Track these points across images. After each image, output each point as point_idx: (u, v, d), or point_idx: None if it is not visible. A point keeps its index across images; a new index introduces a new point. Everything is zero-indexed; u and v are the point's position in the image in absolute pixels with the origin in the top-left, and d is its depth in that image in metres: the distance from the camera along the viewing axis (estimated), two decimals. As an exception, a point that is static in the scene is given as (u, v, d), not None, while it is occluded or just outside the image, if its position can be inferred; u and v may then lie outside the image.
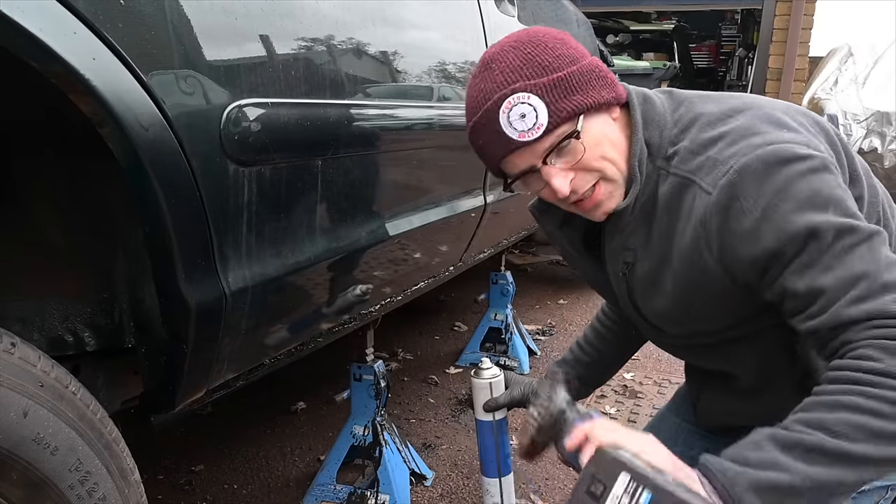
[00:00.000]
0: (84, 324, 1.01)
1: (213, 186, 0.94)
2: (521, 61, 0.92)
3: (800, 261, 0.83)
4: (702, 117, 0.95)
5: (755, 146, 0.86)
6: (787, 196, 0.83)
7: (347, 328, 1.49)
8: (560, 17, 2.75)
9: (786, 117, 0.92)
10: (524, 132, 0.91)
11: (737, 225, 0.86)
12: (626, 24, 7.69)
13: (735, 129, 0.90)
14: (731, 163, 0.86)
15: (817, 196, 0.83)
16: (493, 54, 0.95)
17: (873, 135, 6.17)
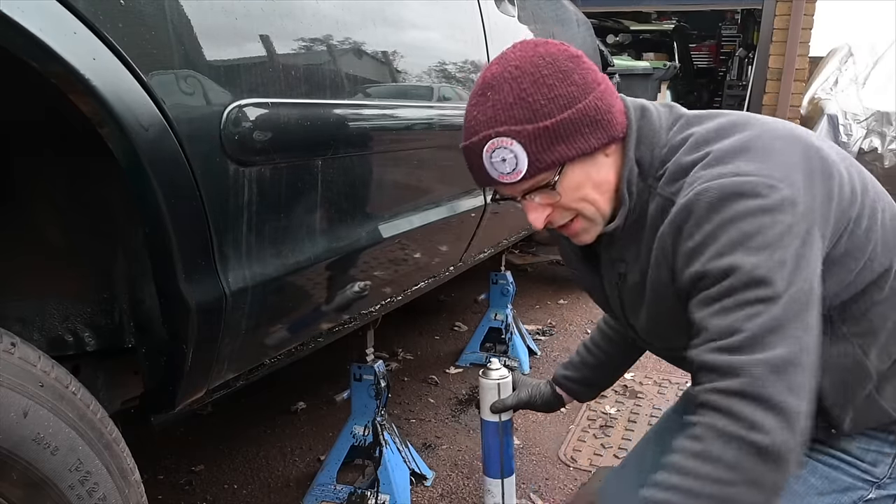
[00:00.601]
0: (84, 324, 1.01)
1: (213, 186, 0.94)
2: (514, 99, 0.91)
3: (708, 293, 0.85)
4: (691, 138, 0.95)
5: (720, 174, 0.87)
6: (727, 230, 0.84)
7: (347, 328, 1.49)
8: (560, 17, 2.75)
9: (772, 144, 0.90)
10: (503, 175, 0.93)
11: (682, 245, 0.88)
12: (626, 24, 7.68)
13: (713, 153, 0.90)
14: (695, 185, 0.88)
15: (755, 238, 0.82)
16: (492, 77, 0.94)
17: (873, 135, 6.17)
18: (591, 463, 2.06)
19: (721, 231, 0.84)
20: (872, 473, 0.98)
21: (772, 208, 0.83)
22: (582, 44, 3.00)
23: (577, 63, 0.94)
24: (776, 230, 0.83)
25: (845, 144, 6.16)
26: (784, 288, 0.81)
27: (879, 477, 0.98)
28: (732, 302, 0.82)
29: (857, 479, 0.99)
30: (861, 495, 0.98)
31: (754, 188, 0.84)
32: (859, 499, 0.98)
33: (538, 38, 0.98)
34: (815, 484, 0.99)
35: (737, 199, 0.84)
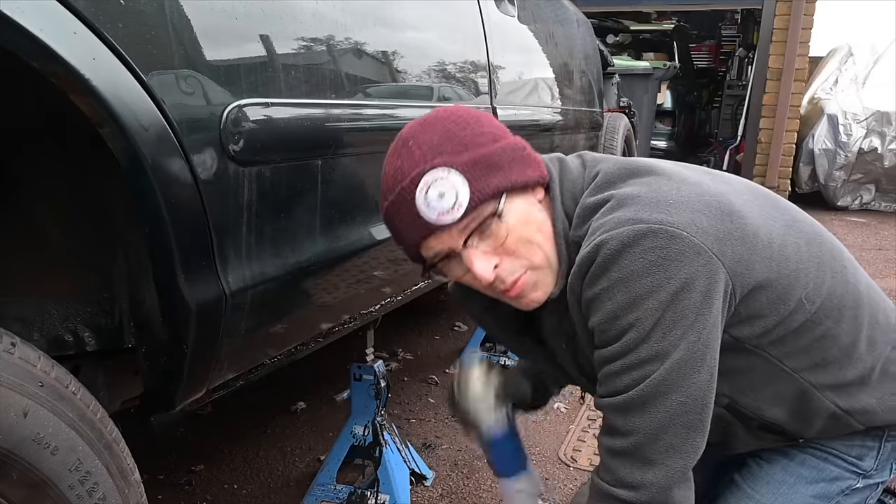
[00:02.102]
0: (84, 324, 1.01)
1: (213, 186, 0.94)
2: (441, 137, 0.87)
3: (602, 352, 0.86)
4: (597, 178, 0.93)
5: (621, 221, 0.83)
6: (621, 289, 0.82)
7: (347, 328, 1.49)
8: (560, 17, 2.75)
9: (681, 192, 0.86)
10: (443, 213, 0.85)
11: (584, 294, 0.86)
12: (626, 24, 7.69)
13: (615, 198, 0.87)
14: (597, 234, 0.84)
15: (648, 300, 0.81)
16: (410, 130, 0.90)
17: (873, 135, 6.17)
18: (591, 463, 2.06)
19: (616, 289, 0.82)
20: (859, 466, 1.00)
21: (670, 260, 0.80)
22: (582, 44, 3.00)
23: (488, 116, 0.94)
24: (671, 288, 0.80)
25: (845, 144, 6.17)
26: (672, 351, 0.81)
27: (866, 469, 1.00)
28: (622, 364, 0.84)
29: (844, 470, 1.00)
30: (849, 485, 1.00)
31: (654, 238, 0.80)
32: (847, 488, 1.00)
33: None
34: (803, 474, 1.01)
35: (633, 252, 0.80)
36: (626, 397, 0.84)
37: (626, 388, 0.84)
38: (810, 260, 0.92)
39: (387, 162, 0.91)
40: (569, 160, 0.99)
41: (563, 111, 2.59)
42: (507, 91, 2.00)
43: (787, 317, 0.89)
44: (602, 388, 0.88)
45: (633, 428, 0.84)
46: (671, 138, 7.53)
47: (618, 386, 0.85)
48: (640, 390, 0.83)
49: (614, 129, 3.80)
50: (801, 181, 6.47)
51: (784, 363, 0.91)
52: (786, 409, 0.95)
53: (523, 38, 2.27)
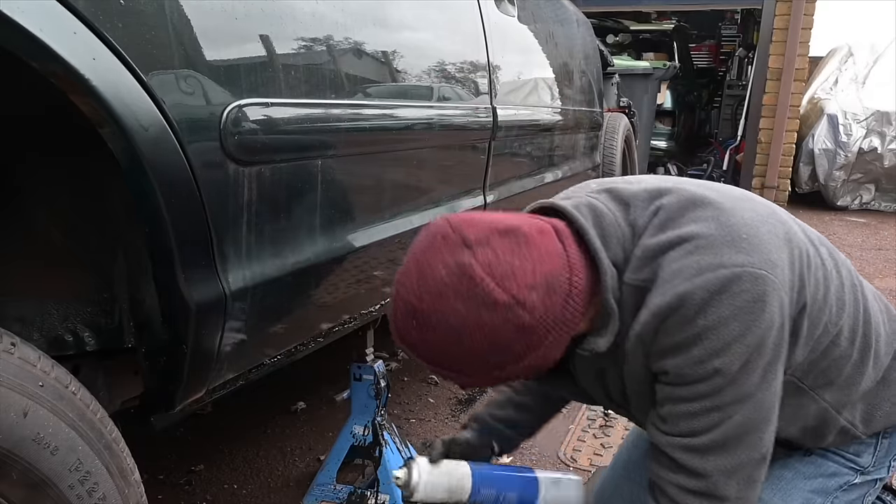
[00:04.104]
0: (84, 324, 1.01)
1: (213, 186, 0.94)
2: (437, 351, 0.82)
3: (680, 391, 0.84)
4: (660, 213, 0.88)
5: (703, 268, 0.80)
6: (709, 337, 0.80)
7: (347, 328, 1.49)
8: (560, 17, 2.75)
9: (748, 224, 0.84)
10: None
11: (661, 340, 0.84)
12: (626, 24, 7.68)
13: (687, 238, 0.83)
14: (675, 283, 0.81)
15: (733, 348, 0.80)
16: (422, 311, 0.80)
17: (873, 134, 6.17)
18: (591, 463, 2.06)
19: (703, 337, 0.80)
20: (857, 462, 1.01)
21: (755, 303, 0.80)
22: (582, 44, 3.00)
23: (512, 269, 0.79)
24: (758, 331, 0.80)
25: (845, 144, 6.17)
26: (756, 392, 0.82)
27: (864, 465, 1.01)
28: (702, 406, 0.83)
29: (842, 466, 1.01)
30: (847, 480, 1.01)
31: (740, 282, 0.79)
32: (845, 483, 1.01)
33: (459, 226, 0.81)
34: (802, 469, 1.01)
35: (720, 300, 0.79)
36: (707, 439, 0.83)
37: (705, 430, 0.83)
38: (833, 282, 0.92)
39: (397, 309, 0.85)
40: (600, 205, 0.90)
41: (563, 111, 2.59)
42: (506, 91, 2.00)
43: (815, 341, 0.89)
44: (669, 427, 0.86)
45: (713, 468, 0.83)
46: (671, 138, 7.53)
47: (694, 427, 0.84)
48: (722, 431, 0.82)
49: (614, 129, 3.80)
50: (801, 181, 6.47)
51: (804, 383, 0.92)
52: (801, 426, 0.95)
53: (523, 38, 2.27)
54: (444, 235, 0.81)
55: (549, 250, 0.81)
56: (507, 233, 0.80)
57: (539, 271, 0.79)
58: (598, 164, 3.35)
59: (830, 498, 1.00)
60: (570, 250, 0.84)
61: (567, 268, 0.82)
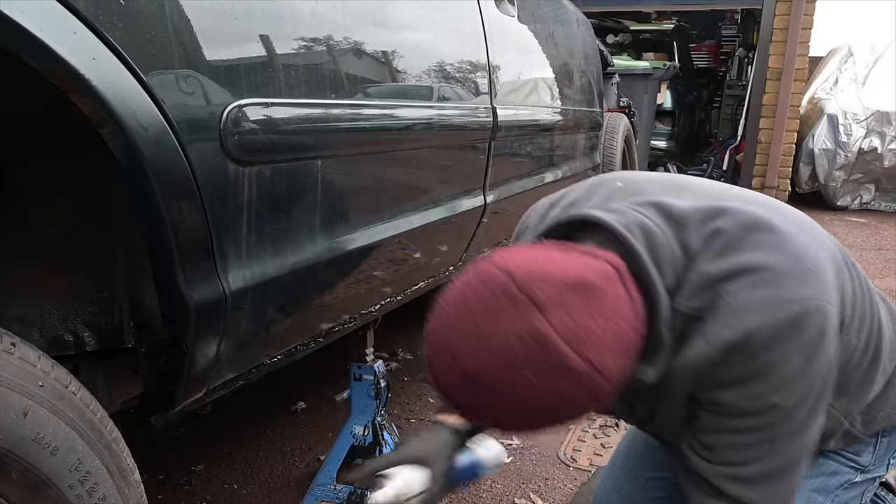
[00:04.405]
0: (84, 324, 1.01)
1: (213, 186, 0.94)
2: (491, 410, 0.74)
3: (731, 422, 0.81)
4: (718, 237, 0.81)
5: (772, 303, 0.77)
6: (772, 373, 0.78)
7: (347, 328, 1.49)
8: (560, 17, 2.75)
9: (808, 252, 0.81)
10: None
11: (717, 373, 0.80)
12: (626, 24, 7.68)
13: (751, 269, 0.78)
14: (742, 318, 0.77)
15: (794, 384, 0.79)
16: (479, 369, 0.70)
17: (873, 134, 6.17)
18: (591, 463, 2.06)
19: (766, 372, 0.77)
20: (857, 461, 1.02)
21: (820, 337, 0.78)
22: (582, 44, 3.00)
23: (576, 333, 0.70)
24: (820, 366, 0.79)
25: (845, 144, 6.17)
26: (803, 428, 0.81)
27: (864, 464, 1.02)
28: (754, 438, 0.81)
29: (842, 465, 1.02)
30: (847, 479, 1.01)
31: (807, 318, 0.77)
32: (846, 482, 1.01)
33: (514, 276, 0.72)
34: None
35: (789, 337, 0.76)
36: (755, 469, 0.82)
37: (753, 460, 0.82)
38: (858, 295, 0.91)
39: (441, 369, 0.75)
40: (650, 224, 0.83)
41: (563, 111, 2.59)
42: (506, 91, 2.00)
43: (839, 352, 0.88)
44: (713, 456, 0.84)
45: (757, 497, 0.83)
46: (671, 138, 7.53)
47: (742, 457, 0.82)
48: (770, 462, 0.82)
49: (614, 129, 3.79)
50: (801, 181, 6.47)
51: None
52: None
53: (523, 38, 2.27)
54: (509, 294, 0.70)
55: (619, 302, 0.75)
56: (578, 288, 0.71)
57: (615, 332, 0.73)
58: (598, 164, 3.35)
59: (831, 496, 1.00)
60: (633, 293, 0.77)
61: (634, 318, 0.76)
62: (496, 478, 1.97)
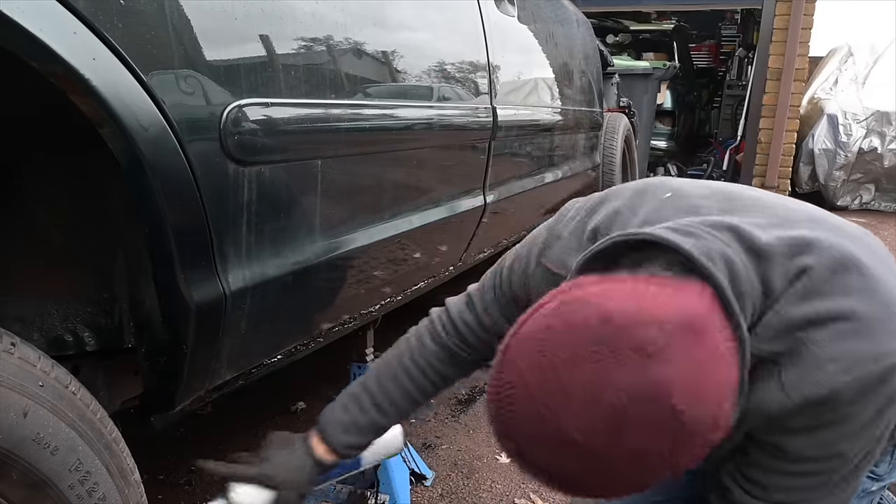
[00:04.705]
0: (84, 324, 1.01)
1: (212, 186, 0.94)
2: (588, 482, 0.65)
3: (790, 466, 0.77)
4: (803, 278, 0.73)
5: (862, 359, 0.70)
6: (848, 422, 0.73)
7: (347, 328, 1.49)
8: (560, 17, 2.75)
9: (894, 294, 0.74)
10: None
11: (797, 421, 0.74)
12: (626, 24, 7.68)
13: (840, 317, 0.71)
14: (829, 372, 0.70)
15: (866, 433, 0.74)
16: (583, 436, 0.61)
17: (873, 134, 6.17)
18: (590, 463, 2.06)
19: (840, 423, 0.73)
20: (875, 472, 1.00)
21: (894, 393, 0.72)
22: (582, 44, 3.00)
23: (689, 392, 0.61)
24: (884, 420, 0.74)
25: (845, 144, 6.17)
26: (858, 471, 0.78)
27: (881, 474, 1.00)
28: (810, 482, 0.78)
29: None
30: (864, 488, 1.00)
31: (894, 374, 0.71)
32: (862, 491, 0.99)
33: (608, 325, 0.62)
34: None
35: (873, 394, 0.71)
36: None
37: (806, 501, 0.79)
38: None
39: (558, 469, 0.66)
40: (733, 255, 0.73)
41: (563, 111, 2.59)
42: (506, 91, 2.00)
43: None
44: (763, 493, 0.80)
45: None
46: (671, 138, 7.53)
47: (793, 498, 0.79)
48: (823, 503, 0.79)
49: (614, 129, 3.79)
50: (801, 181, 6.47)
51: None
52: None
53: (523, 38, 2.27)
54: (610, 343, 0.60)
55: (721, 341, 0.66)
56: (686, 330, 0.62)
57: (725, 380, 0.65)
58: (597, 164, 3.35)
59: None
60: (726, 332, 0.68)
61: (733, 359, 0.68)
62: (496, 478, 1.97)
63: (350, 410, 1.08)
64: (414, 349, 1.10)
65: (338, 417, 1.08)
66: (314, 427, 1.09)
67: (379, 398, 1.08)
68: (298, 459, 1.04)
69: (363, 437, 1.08)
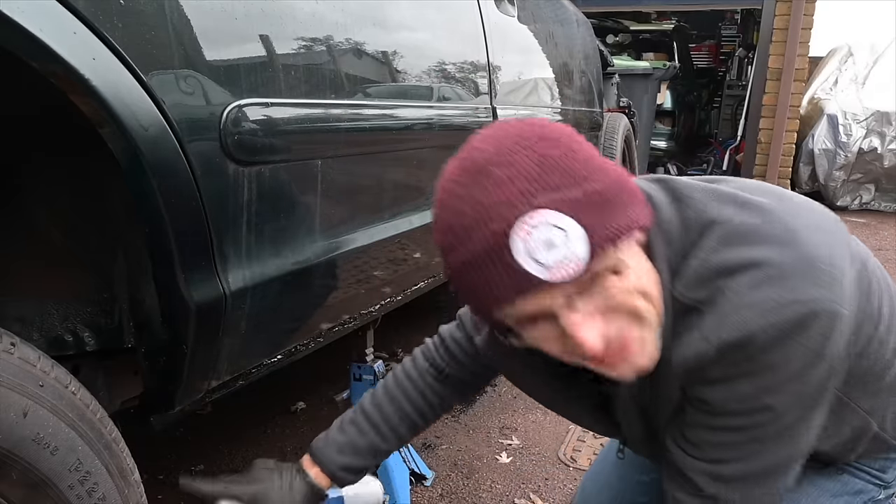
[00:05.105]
0: (84, 324, 1.01)
1: (212, 186, 0.94)
2: (540, 167, 0.65)
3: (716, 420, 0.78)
4: (717, 227, 0.75)
5: (778, 303, 0.70)
6: (769, 374, 0.73)
7: (347, 328, 1.49)
8: (560, 17, 2.75)
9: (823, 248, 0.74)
10: (551, 267, 0.64)
11: (710, 371, 0.75)
12: (626, 24, 7.69)
13: (758, 264, 0.72)
14: (745, 317, 0.71)
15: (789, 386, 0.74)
16: (488, 154, 0.67)
17: (873, 135, 6.17)
18: (590, 463, 2.06)
19: (762, 374, 0.73)
20: (882, 478, 0.99)
21: (826, 341, 0.72)
22: (582, 44, 3.00)
23: (577, 135, 0.72)
24: (820, 371, 0.73)
25: (845, 144, 6.17)
26: (792, 432, 0.78)
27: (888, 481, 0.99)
28: (740, 437, 0.78)
29: (867, 483, 0.99)
30: (871, 496, 0.99)
31: (816, 320, 0.70)
32: (869, 500, 0.99)
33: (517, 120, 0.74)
34: (827, 486, 0.99)
35: (794, 339, 0.71)
36: (736, 469, 0.79)
37: (737, 460, 0.79)
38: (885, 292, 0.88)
39: (455, 192, 0.69)
40: (653, 192, 0.78)
41: (563, 111, 2.59)
42: (506, 91, 2.00)
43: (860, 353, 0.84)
44: (697, 452, 0.81)
45: (736, 497, 0.80)
46: (671, 138, 7.53)
47: (724, 456, 0.79)
48: (753, 464, 0.79)
49: (614, 130, 3.79)
50: (801, 181, 6.47)
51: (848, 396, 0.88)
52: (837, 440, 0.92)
53: (523, 38, 2.27)
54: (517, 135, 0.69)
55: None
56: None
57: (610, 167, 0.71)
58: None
59: None
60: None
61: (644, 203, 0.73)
62: (496, 478, 1.97)
63: (346, 431, 1.06)
64: (409, 369, 1.13)
65: (332, 438, 1.05)
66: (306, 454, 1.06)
67: (375, 419, 1.07)
68: (290, 483, 1.00)
69: (359, 458, 1.05)
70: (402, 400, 1.09)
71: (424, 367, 1.12)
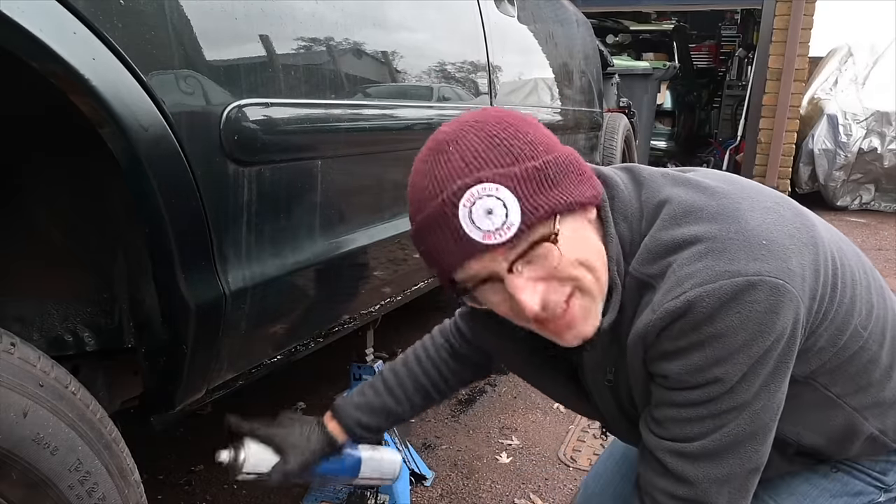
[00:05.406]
0: (84, 324, 1.01)
1: (212, 186, 0.94)
2: (487, 145, 0.75)
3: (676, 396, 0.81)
4: (667, 206, 0.82)
5: (717, 274, 0.75)
6: (715, 345, 0.76)
7: (347, 328, 1.49)
8: (560, 17, 2.75)
9: (767, 227, 0.78)
10: (490, 232, 0.73)
11: (662, 345, 0.80)
12: (626, 24, 7.69)
13: (701, 239, 0.77)
14: (686, 287, 0.76)
15: (738, 356, 0.76)
16: (447, 135, 0.78)
17: (873, 135, 6.18)
18: (590, 463, 2.06)
19: (707, 344, 0.76)
20: (882, 481, 0.99)
21: (767, 313, 0.75)
22: (582, 44, 3.00)
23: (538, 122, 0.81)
24: (765, 342, 0.76)
25: (845, 144, 6.17)
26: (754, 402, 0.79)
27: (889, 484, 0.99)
28: (698, 413, 0.80)
29: (868, 485, 0.99)
30: (871, 499, 0.99)
31: (754, 292, 0.74)
32: (869, 502, 0.99)
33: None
34: (827, 486, 0.99)
35: (731, 309, 0.74)
36: (699, 446, 0.81)
37: (699, 436, 0.81)
38: (861, 284, 0.88)
39: (417, 170, 0.81)
40: (615, 176, 0.86)
41: (562, 111, 2.59)
42: (506, 91, 2.00)
43: (841, 347, 0.86)
44: (661, 430, 0.84)
45: (703, 476, 0.81)
46: (671, 138, 7.53)
47: (687, 433, 0.81)
48: (715, 439, 0.80)
49: (614, 130, 3.80)
50: (800, 181, 6.47)
51: (831, 390, 0.89)
52: (827, 435, 0.93)
53: (523, 38, 2.27)
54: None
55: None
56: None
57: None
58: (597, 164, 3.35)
59: None
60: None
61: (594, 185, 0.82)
62: (496, 478, 1.97)
63: (365, 393, 1.15)
64: (427, 343, 1.21)
65: (351, 399, 1.15)
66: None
67: (391, 383, 1.16)
68: (309, 431, 1.09)
69: (373, 417, 1.13)
70: (417, 370, 1.17)
71: (440, 343, 1.20)
